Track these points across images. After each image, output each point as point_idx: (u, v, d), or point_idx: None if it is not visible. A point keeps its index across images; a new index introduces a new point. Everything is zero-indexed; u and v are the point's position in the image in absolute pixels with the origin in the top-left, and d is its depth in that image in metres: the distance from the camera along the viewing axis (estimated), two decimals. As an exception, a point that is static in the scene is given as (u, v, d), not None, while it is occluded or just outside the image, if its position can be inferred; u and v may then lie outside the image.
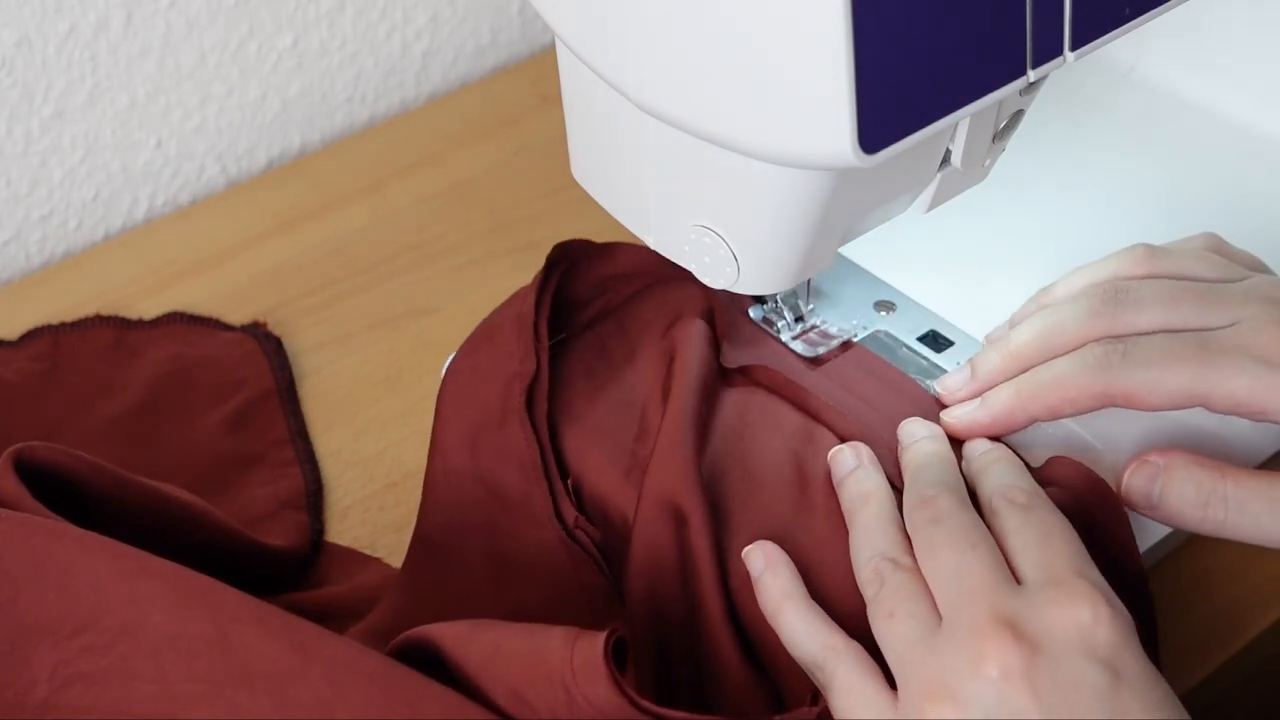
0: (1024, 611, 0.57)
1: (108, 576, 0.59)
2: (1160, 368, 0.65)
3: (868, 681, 0.59)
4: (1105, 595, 0.57)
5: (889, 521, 0.63)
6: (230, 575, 0.61)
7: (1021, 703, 0.55)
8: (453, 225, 0.92)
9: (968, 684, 0.56)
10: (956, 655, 0.57)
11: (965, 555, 0.59)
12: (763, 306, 0.74)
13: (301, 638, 0.58)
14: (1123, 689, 0.56)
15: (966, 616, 0.57)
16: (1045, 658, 0.56)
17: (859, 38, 0.53)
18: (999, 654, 0.56)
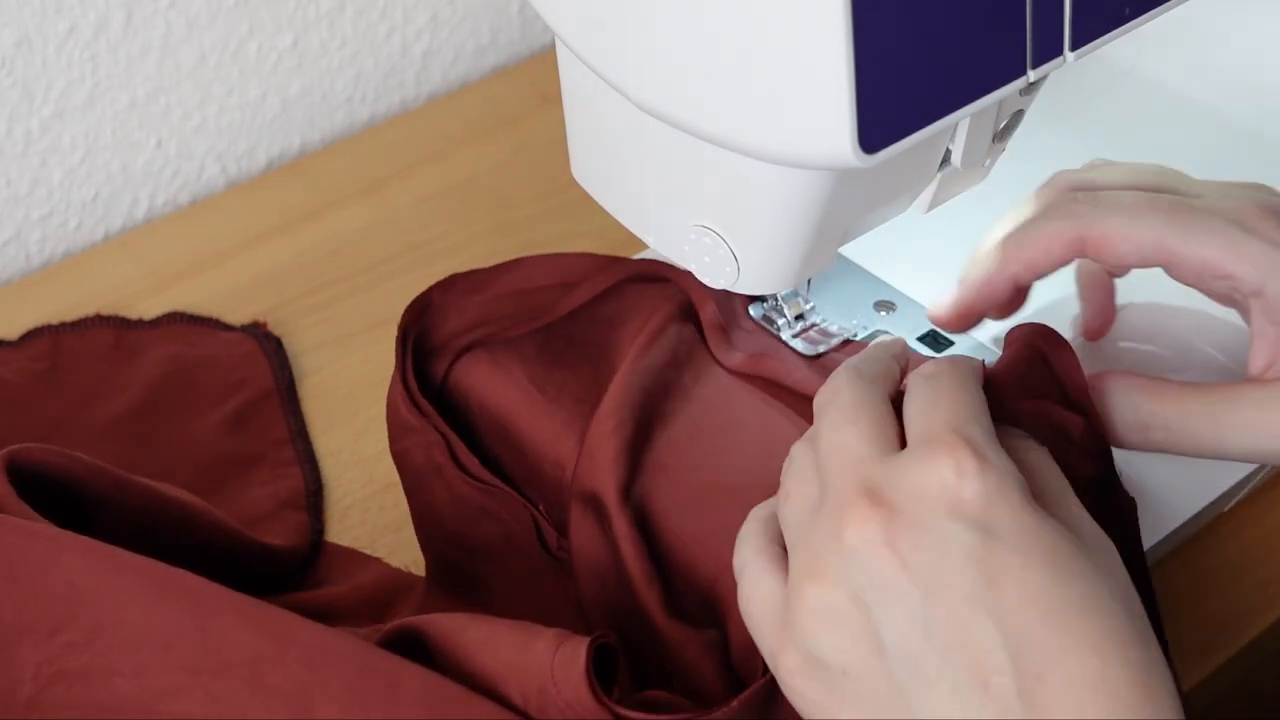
0: (887, 477, 0.54)
1: (83, 573, 0.59)
2: (1132, 214, 0.64)
3: (771, 565, 0.57)
4: (976, 448, 0.53)
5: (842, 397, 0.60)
6: (230, 575, 0.61)
7: (887, 571, 0.52)
8: (453, 225, 0.92)
9: (834, 557, 0.53)
10: (824, 530, 0.54)
11: (843, 430, 0.56)
12: (763, 305, 0.74)
13: (279, 625, 0.58)
14: (996, 546, 0.52)
15: (834, 491, 0.55)
16: (905, 520, 0.52)
17: (859, 38, 0.53)
18: (856, 523, 0.53)
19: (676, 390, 0.70)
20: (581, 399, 0.69)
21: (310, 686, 0.56)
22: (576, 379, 0.71)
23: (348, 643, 0.58)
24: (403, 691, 0.56)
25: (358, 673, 0.57)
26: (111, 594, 0.59)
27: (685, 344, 0.72)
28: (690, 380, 0.71)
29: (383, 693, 0.56)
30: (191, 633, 0.58)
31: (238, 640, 0.57)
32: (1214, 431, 0.63)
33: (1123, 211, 0.64)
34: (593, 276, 0.73)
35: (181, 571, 0.59)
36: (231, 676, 0.57)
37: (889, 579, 0.52)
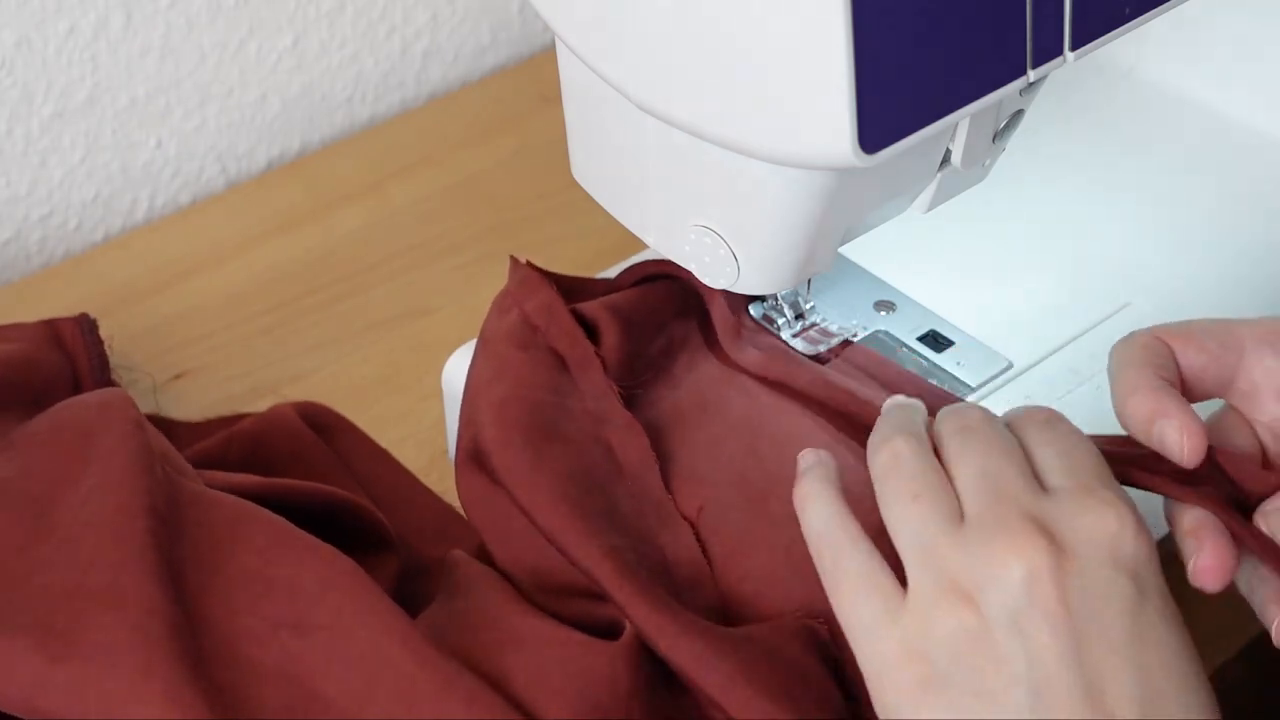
0: (1054, 514, 0.54)
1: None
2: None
3: (882, 571, 0.55)
4: (1132, 509, 0.55)
5: (914, 425, 0.60)
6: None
7: (1048, 606, 0.52)
8: (453, 225, 0.92)
9: (990, 584, 0.53)
10: (982, 550, 0.53)
11: (995, 459, 0.56)
12: (763, 304, 0.74)
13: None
14: (1147, 604, 0.53)
15: (994, 514, 0.54)
16: (1076, 563, 0.53)
17: (859, 38, 0.53)
18: (1030, 552, 0.53)
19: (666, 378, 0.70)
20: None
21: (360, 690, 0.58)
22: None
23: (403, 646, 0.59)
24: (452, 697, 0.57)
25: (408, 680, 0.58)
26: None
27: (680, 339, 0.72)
28: (681, 371, 0.71)
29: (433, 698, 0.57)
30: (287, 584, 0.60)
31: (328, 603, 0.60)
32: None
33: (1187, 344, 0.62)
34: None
35: (302, 533, 0.63)
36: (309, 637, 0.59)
37: (1050, 613, 0.52)
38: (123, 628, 0.57)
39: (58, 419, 0.67)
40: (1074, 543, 0.53)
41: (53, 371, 0.76)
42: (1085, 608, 0.53)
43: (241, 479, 0.68)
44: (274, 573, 0.61)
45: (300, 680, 0.58)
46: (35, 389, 0.73)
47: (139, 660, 0.57)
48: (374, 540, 0.69)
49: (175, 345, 0.85)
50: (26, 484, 0.63)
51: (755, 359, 0.71)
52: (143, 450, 0.63)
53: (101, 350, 0.78)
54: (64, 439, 0.65)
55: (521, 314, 0.69)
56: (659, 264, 0.73)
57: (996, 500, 0.54)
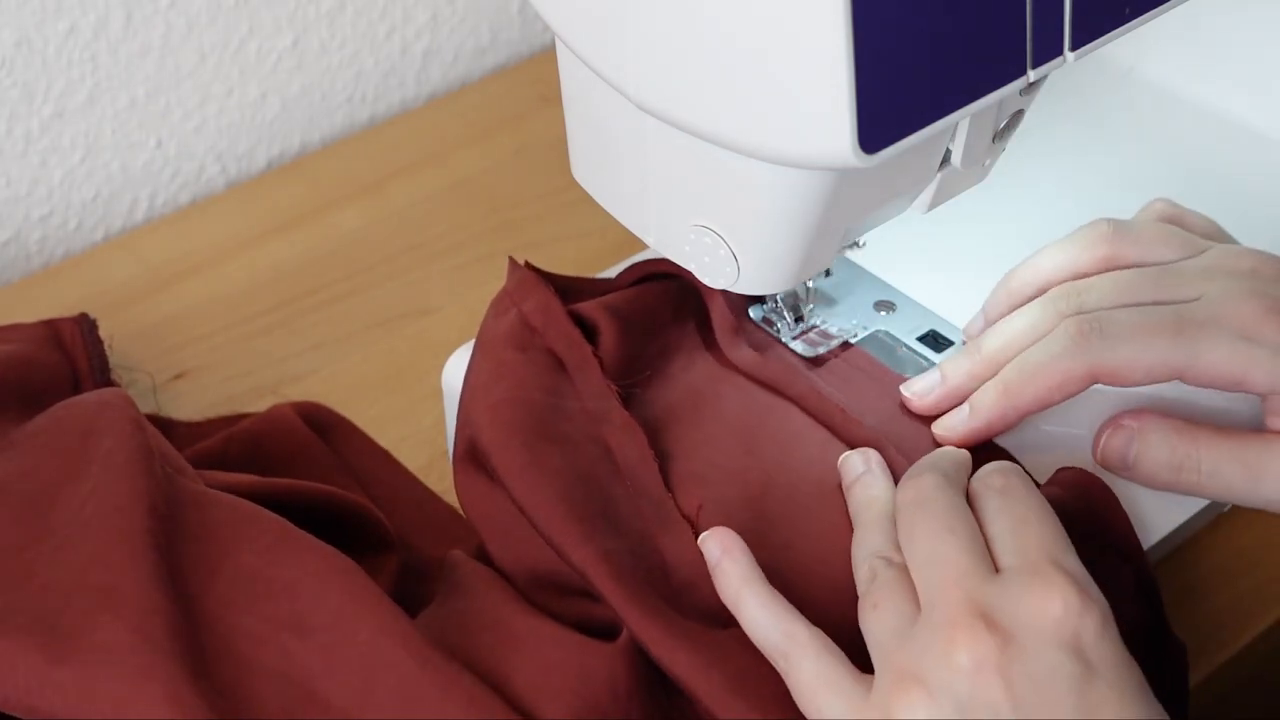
0: (997, 601, 0.56)
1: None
2: (1138, 341, 0.65)
3: (836, 668, 0.58)
4: (1080, 584, 0.57)
5: (889, 520, 0.62)
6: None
7: (993, 695, 0.54)
8: (453, 225, 0.92)
9: (940, 674, 0.55)
10: (930, 644, 0.56)
11: (943, 541, 0.58)
12: (763, 306, 0.74)
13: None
14: (1096, 680, 0.55)
15: (941, 605, 0.57)
16: (1017, 648, 0.55)
17: (859, 38, 0.53)
18: (971, 644, 0.55)
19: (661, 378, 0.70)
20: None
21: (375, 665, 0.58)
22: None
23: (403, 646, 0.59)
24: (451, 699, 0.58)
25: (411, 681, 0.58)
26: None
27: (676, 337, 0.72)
28: (679, 370, 0.71)
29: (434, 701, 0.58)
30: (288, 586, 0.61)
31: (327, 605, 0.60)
32: (1248, 478, 0.65)
33: (1129, 342, 0.65)
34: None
35: (303, 533, 0.63)
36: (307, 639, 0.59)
37: (994, 701, 0.54)
38: (123, 628, 0.57)
39: (57, 419, 0.67)
40: (1017, 629, 0.55)
41: (52, 372, 0.76)
42: (1030, 693, 0.54)
43: (241, 479, 0.68)
44: (273, 573, 0.61)
45: (300, 681, 0.58)
46: (35, 389, 0.73)
47: (139, 661, 0.57)
48: (374, 540, 0.69)
49: (175, 345, 0.85)
50: (26, 484, 0.63)
51: (751, 359, 0.71)
52: (142, 450, 0.63)
53: (101, 350, 0.78)
54: (63, 439, 0.65)
55: (519, 315, 0.69)
56: (658, 263, 0.73)
57: (943, 590, 0.57)
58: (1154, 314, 0.65)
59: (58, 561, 0.60)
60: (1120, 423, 0.67)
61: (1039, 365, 0.66)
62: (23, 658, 0.57)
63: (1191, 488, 0.66)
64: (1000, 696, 0.54)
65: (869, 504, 0.64)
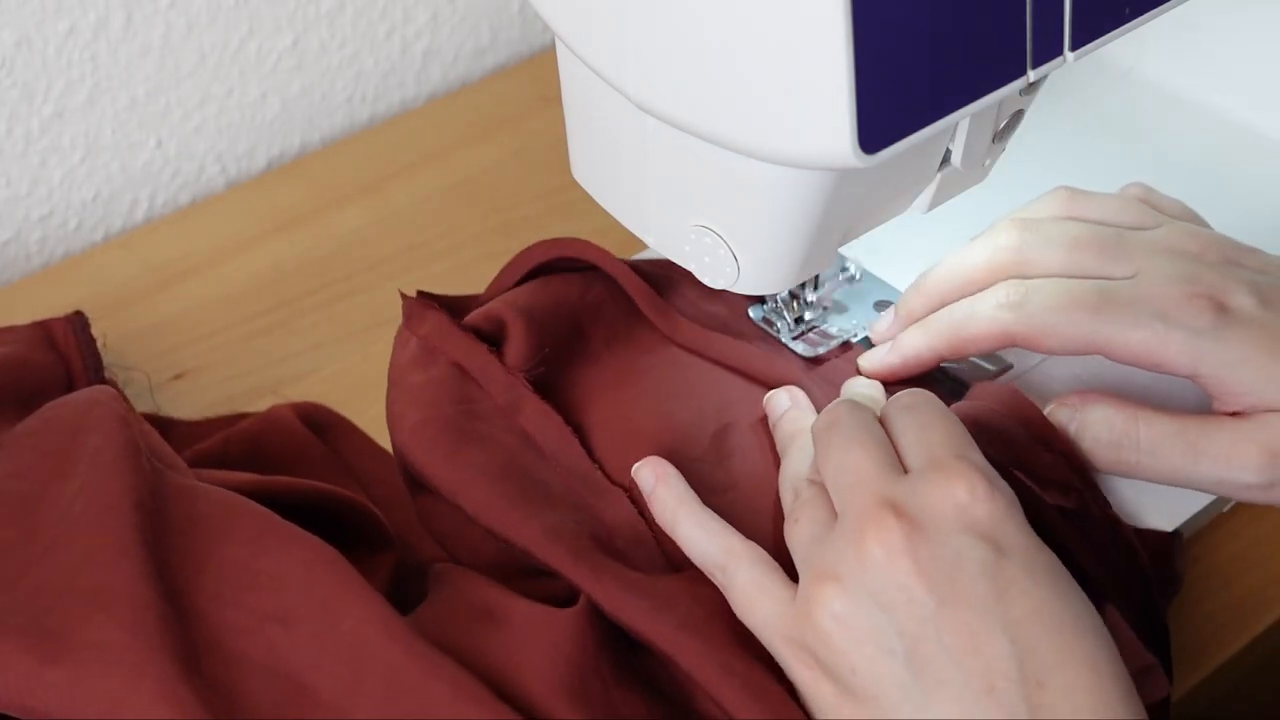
0: (905, 495, 0.58)
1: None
2: (1059, 314, 0.66)
3: (769, 575, 0.60)
4: (984, 473, 0.58)
5: (811, 447, 0.64)
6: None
7: (905, 578, 0.56)
8: (453, 225, 0.92)
9: (852, 567, 0.57)
10: (844, 543, 0.58)
11: (852, 451, 0.60)
12: (763, 307, 0.74)
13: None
14: (1006, 562, 0.56)
15: (853, 507, 0.58)
16: (926, 534, 0.57)
17: (859, 38, 0.53)
18: (880, 533, 0.57)
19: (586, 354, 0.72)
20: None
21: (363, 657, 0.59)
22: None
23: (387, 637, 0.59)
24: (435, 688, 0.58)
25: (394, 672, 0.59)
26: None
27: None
28: (600, 346, 0.72)
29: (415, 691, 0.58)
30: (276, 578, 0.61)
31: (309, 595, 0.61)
32: (1188, 458, 0.66)
33: (1050, 313, 0.67)
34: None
35: (290, 524, 0.63)
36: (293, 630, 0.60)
37: (906, 585, 0.56)
38: (114, 626, 0.57)
39: (46, 419, 0.67)
40: (924, 517, 0.57)
41: (46, 373, 0.76)
42: (941, 575, 0.56)
43: (240, 477, 0.68)
44: (259, 564, 0.61)
45: (288, 674, 0.58)
46: (29, 391, 0.73)
47: (132, 658, 0.57)
48: (372, 539, 0.69)
49: (175, 345, 0.85)
50: (15, 484, 0.63)
51: (676, 326, 0.73)
52: (129, 446, 0.63)
53: (94, 350, 0.78)
54: (51, 439, 0.65)
55: (418, 341, 0.71)
56: (548, 248, 0.73)
57: (854, 492, 0.59)
58: (1079, 288, 0.67)
59: (48, 561, 0.60)
60: (1065, 400, 0.68)
61: (964, 318, 0.69)
62: (15, 659, 0.57)
63: (1131, 468, 0.67)
64: (912, 579, 0.56)
65: (793, 435, 0.66)
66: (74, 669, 0.57)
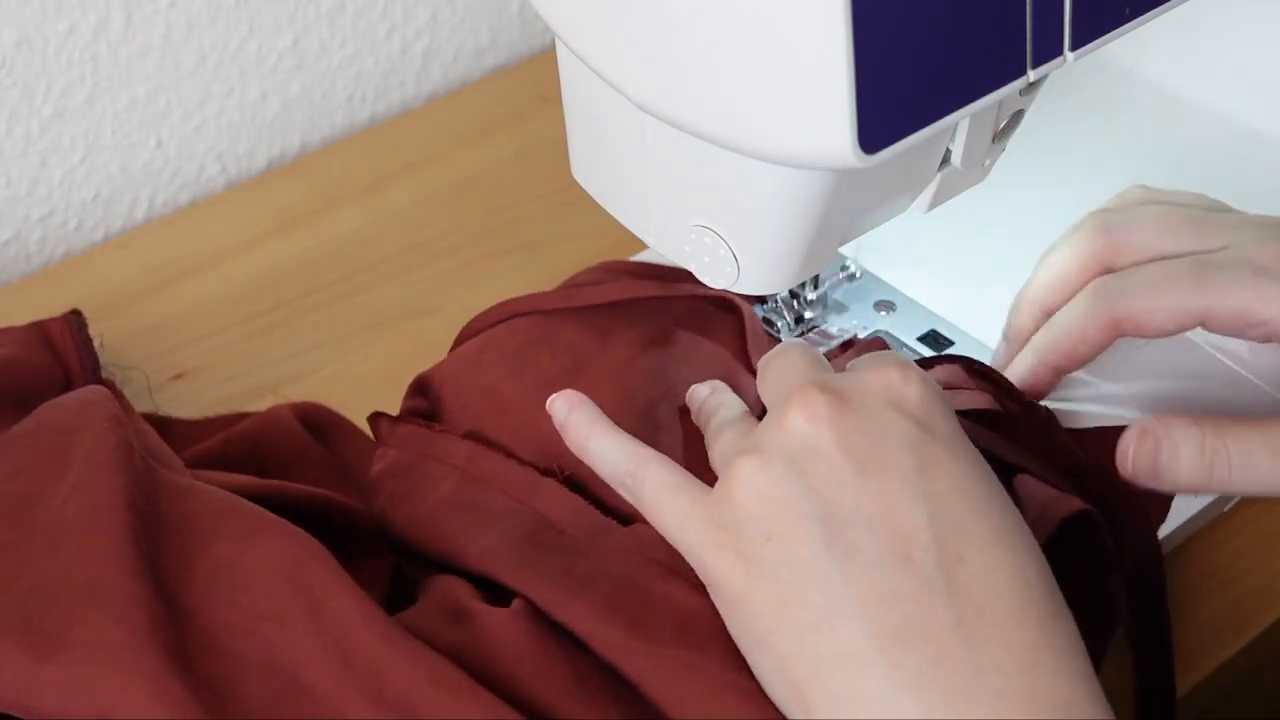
0: (837, 378, 0.58)
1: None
2: (1160, 291, 0.65)
3: (679, 474, 0.60)
4: (916, 369, 0.58)
5: (738, 411, 0.64)
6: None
7: (826, 445, 0.55)
8: (453, 225, 0.92)
9: (773, 437, 0.56)
10: (769, 421, 0.57)
11: (788, 359, 0.61)
12: (763, 306, 0.74)
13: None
14: (932, 442, 0.56)
15: (783, 391, 0.58)
16: (851, 405, 0.56)
17: (859, 38, 0.53)
18: (804, 405, 0.56)
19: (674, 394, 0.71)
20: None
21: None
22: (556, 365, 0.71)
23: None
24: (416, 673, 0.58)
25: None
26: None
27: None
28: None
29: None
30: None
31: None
32: (1274, 463, 0.63)
33: (1151, 290, 0.65)
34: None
35: (281, 520, 0.63)
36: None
37: (826, 452, 0.55)
38: (107, 623, 0.58)
39: (40, 420, 0.67)
40: (852, 392, 0.57)
41: (43, 374, 0.76)
42: (864, 442, 0.55)
43: (238, 480, 0.69)
44: (249, 563, 0.61)
45: (285, 671, 0.58)
46: (26, 393, 0.73)
47: (124, 655, 0.57)
48: (370, 544, 0.70)
49: (175, 345, 0.85)
50: (10, 486, 0.64)
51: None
52: (122, 445, 0.63)
53: (91, 349, 0.78)
54: (45, 440, 0.65)
55: (394, 457, 0.72)
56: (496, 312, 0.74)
57: (784, 381, 0.59)
58: (1175, 264, 0.66)
59: (41, 561, 0.60)
60: (1145, 429, 0.65)
61: (1066, 324, 0.67)
62: (9, 658, 0.57)
63: (1224, 484, 0.64)
64: (832, 446, 0.55)
65: (717, 407, 0.65)
66: (68, 666, 0.57)
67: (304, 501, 0.69)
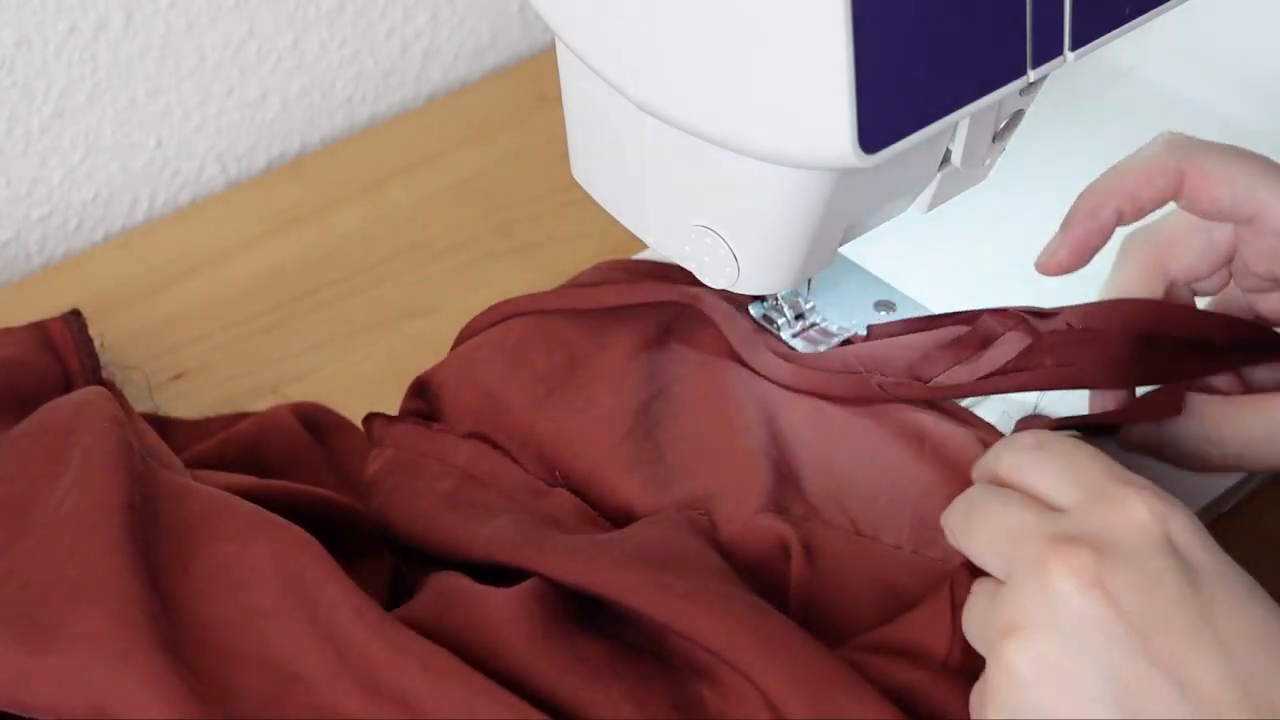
0: (1078, 528, 0.51)
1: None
2: (1232, 159, 0.63)
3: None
4: (1156, 492, 0.52)
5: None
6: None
7: (1098, 611, 0.49)
8: (453, 225, 0.92)
9: (1040, 607, 0.50)
10: (1023, 590, 0.51)
11: (996, 512, 0.53)
12: (763, 304, 0.74)
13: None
14: (1205, 583, 0.50)
15: (1022, 555, 0.51)
16: (1115, 558, 0.50)
17: (859, 38, 0.53)
18: (1065, 563, 0.50)
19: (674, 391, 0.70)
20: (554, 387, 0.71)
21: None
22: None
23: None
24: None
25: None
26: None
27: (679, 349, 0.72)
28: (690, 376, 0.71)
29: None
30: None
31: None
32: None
33: (1225, 153, 0.64)
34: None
35: (277, 518, 0.63)
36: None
37: (1104, 619, 0.49)
38: (101, 617, 0.58)
39: (39, 421, 0.67)
40: (1110, 540, 0.50)
41: (44, 374, 0.76)
42: (1139, 602, 0.49)
43: (238, 480, 0.69)
44: (246, 560, 0.61)
45: (281, 665, 0.59)
46: (26, 394, 0.74)
47: (119, 649, 0.57)
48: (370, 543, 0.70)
49: (175, 345, 0.85)
50: (9, 486, 0.64)
51: (788, 372, 0.72)
52: (120, 446, 0.64)
53: (92, 349, 0.78)
54: (44, 440, 0.66)
55: (391, 455, 0.72)
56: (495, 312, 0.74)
57: (1017, 544, 0.52)
58: (1254, 154, 0.64)
59: (37, 557, 0.61)
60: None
61: (1129, 161, 0.65)
62: (5, 652, 0.58)
63: (1235, 460, 0.63)
64: (1109, 612, 0.49)
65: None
66: (62, 660, 0.57)
67: (304, 501, 0.69)
